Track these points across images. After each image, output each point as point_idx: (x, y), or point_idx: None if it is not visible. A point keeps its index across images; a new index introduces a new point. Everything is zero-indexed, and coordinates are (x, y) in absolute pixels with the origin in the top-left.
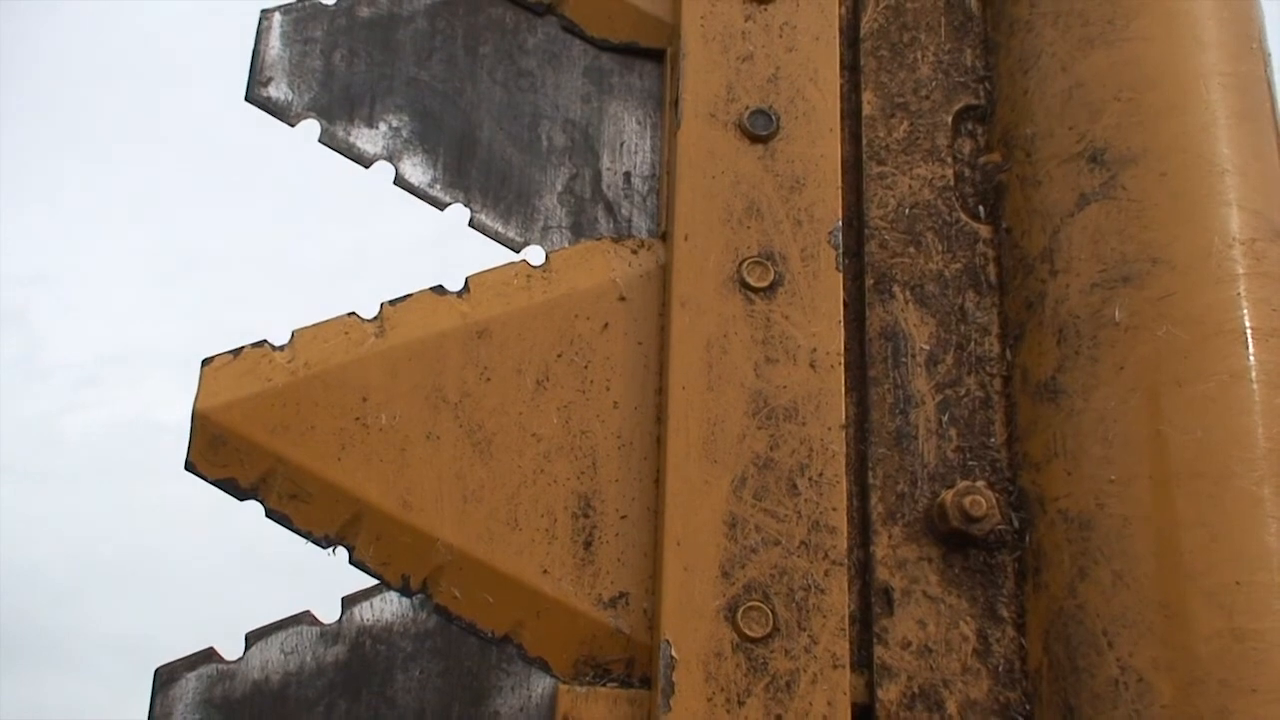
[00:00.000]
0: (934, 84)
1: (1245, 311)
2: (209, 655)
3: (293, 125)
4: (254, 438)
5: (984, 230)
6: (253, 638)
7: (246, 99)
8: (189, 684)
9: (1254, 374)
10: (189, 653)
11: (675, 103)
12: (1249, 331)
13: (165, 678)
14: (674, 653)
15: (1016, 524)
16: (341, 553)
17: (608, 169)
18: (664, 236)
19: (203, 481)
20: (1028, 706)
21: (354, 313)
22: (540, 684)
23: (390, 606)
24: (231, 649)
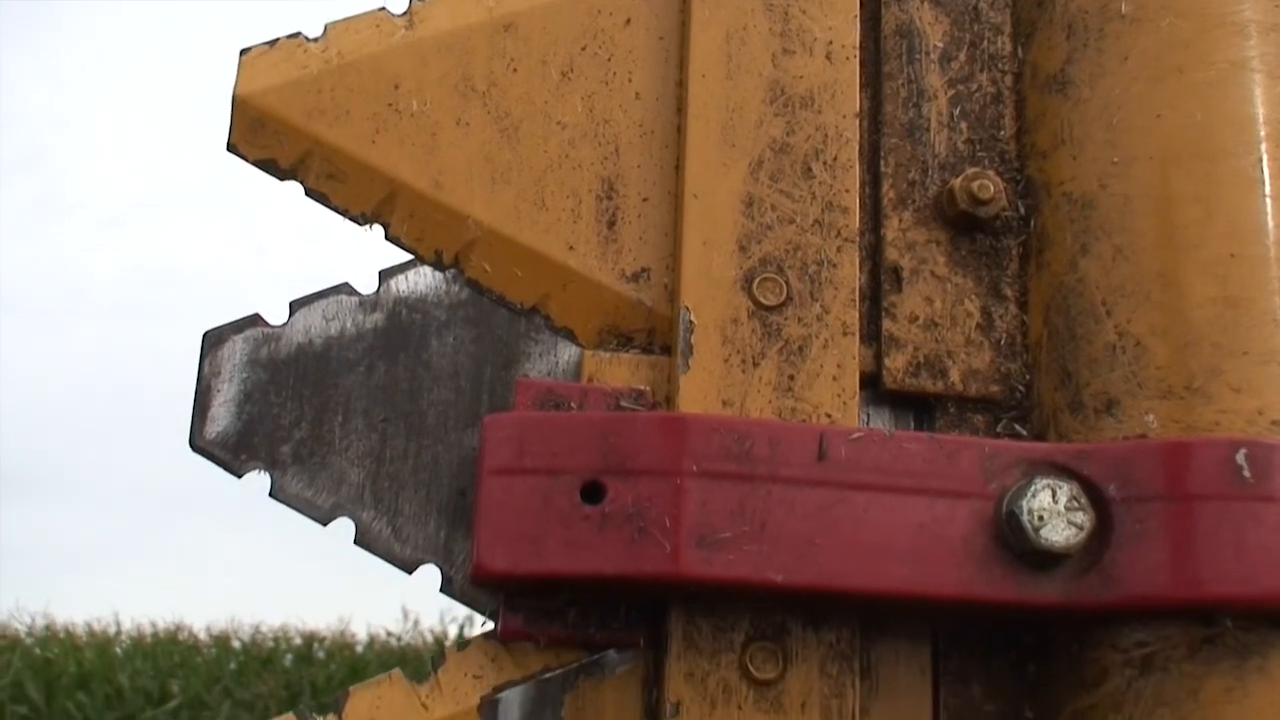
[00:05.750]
0: None
1: (1247, 6)
2: (255, 320)
3: None
4: (291, 121)
5: None
6: (296, 305)
7: None
8: (236, 345)
9: (1254, 64)
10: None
11: None
12: (1251, 24)
13: (214, 340)
14: (692, 318)
15: (1023, 210)
16: (377, 230)
17: None
18: None
19: (244, 162)
20: (1027, 376)
21: (384, 8)
22: (566, 351)
23: (424, 279)
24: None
